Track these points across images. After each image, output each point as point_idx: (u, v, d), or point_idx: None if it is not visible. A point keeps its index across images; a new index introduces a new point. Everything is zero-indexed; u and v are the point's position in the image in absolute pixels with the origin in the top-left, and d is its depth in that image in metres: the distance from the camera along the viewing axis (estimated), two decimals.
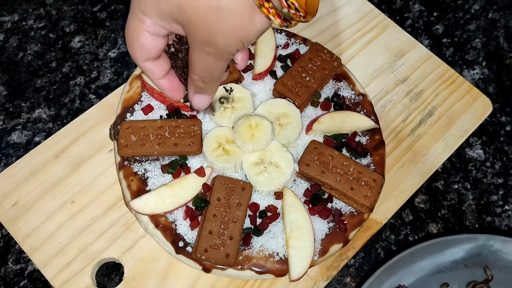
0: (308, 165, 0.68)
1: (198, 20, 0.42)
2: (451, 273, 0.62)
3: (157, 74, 0.52)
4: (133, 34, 0.48)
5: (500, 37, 0.92)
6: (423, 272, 0.62)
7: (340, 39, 0.86)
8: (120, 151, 0.69)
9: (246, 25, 0.43)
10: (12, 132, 0.78)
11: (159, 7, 0.44)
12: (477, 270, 0.63)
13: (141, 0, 0.45)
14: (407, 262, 0.61)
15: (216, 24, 0.42)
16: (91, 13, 0.89)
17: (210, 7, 0.41)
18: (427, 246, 0.62)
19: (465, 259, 0.63)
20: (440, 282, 0.62)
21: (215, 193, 0.66)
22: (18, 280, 0.68)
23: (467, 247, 0.63)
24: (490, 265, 0.62)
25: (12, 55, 0.84)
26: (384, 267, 0.60)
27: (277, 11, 0.41)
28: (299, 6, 0.41)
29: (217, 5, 0.41)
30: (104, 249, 0.68)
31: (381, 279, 0.60)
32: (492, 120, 0.84)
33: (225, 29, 0.43)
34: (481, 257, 0.63)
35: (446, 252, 0.63)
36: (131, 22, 0.47)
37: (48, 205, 0.70)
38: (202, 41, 0.44)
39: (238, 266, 0.64)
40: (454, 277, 0.62)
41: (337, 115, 0.73)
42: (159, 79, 0.53)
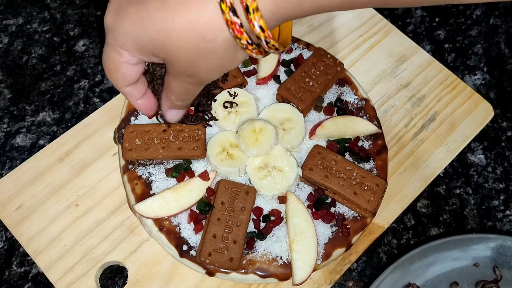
0: (311, 170, 0.69)
1: (182, 58, 0.42)
2: (460, 272, 0.62)
3: (136, 96, 0.53)
4: (113, 65, 0.48)
5: (502, 42, 0.92)
6: (434, 270, 0.62)
7: (343, 44, 0.86)
8: (124, 155, 0.69)
9: (229, 62, 0.44)
10: (17, 135, 0.78)
11: (139, 45, 0.43)
12: (486, 270, 0.63)
13: (119, 37, 0.44)
14: (417, 260, 0.61)
15: (201, 63, 0.42)
16: (95, 16, 0.90)
17: (196, 49, 0.41)
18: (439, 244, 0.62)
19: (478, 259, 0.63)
20: (450, 281, 0.62)
21: (219, 197, 0.67)
22: (22, 283, 0.68)
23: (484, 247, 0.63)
24: (500, 265, 0.62)
25: (16, 58, 0.85)
26: (395, 265, 0.60)
27: (259, 50, 0.42)
28: (279, 46, 0.42)
29: (203, 47, 0.41)
30: (108, 252, 0.68)
31: (391, 276, 0.60)
32: (494, 126, 0.84)
33: (210, 66, 0.43)
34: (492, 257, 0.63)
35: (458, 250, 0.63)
36: (110, 55, 0.47)
37: (52, 208, 0.70)
38: (184, 74, 0.45)
39: (242, 270, 0.65)
40: (464, 276, 0.62)
41: (340, 120, 0.73)
42: (137, 100, 0.54)
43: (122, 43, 0.45)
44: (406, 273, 0.61)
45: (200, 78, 0.45)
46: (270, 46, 0.41)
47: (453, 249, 0.64)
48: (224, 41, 0.41)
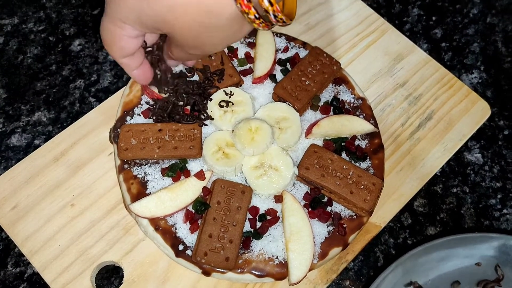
0: (307, 169, 0.68)
1: (187, 33, 0.42)
2: (462, 271, 0.62)
3: (132, 67, 0.54)
4: (113, 38, 0.47)
5: (498, 41, 0.92)
6: (436, 269, 0.61)
7: (339, 43, 0.86)
8: (120, 155, 0.69)
9: (234, 35, 0.44)
10: (12, 135, 0.78)
11: (142, 19, 0.43)
12: (488, 269, 0.62)
13: (120, 10, 0.44)
14: (419, 258, 0.61)
15: (206, 38, 0.42)
16: (91, 16, 0.89)
17: (201, 24, 0.41)
18: (442, 242, 0.62)
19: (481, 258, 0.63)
20: (451, 280, 0.61)
21: (215, 197, 0.66)
22: (17, 283, 0.68)
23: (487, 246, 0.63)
24: (502, 264, 0.62)
25: (12, 58, 0.84)
26: (396, 263, 0.60)
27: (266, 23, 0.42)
28: (286, 19, 0.41)
29: (208, 22, 0.40)
30: (103, 252, 0.68)
31: (393, 274, 0.59)
32: (491, 124, 0.84)
33: (214, 41, 0.43)
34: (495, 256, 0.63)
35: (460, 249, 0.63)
36: (110, 28, 0.46)
37: (47, 208, 0.70)
38: (188, 47, 0.45)
39: (238, 270, 0.64)
40: (465, 275, 0.62)
41: (336, 119, 0.73)
42: (133, 71, 0.55)
43: (123, 16, 0.44)
44: (407, 272, 0.61)
45: (204, 51, 0.45)
46: (278, 20, 0.41)
47: (455, 248, 0.63)
48: (231, 15, 0.40)
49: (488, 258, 0.63)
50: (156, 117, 0.72)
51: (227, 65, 0.76)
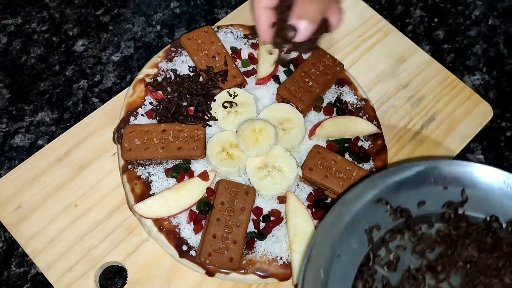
0: (311, 170, 0.69)
1: None
2: (429, 191, 0.63)
3: (266, 20, 0.56)
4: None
5: (500, 43, 0.93)
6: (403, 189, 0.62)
7: (342, 44, 0.86)
8: (124, 155, 0.69)
9: None
10: (15, 135, 0.78)
11: None
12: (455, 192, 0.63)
13: None
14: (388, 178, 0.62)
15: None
16: (94, 16, 0.90)
17: None
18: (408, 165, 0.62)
19: None
20: (419, 200, 0.62)
21: (219, 197, 0.67)
22: (21, 283, 0.68)
23: None
24: (468, 188, 0.62)
25: (15, 58, 0.84)
26: (366, 180, 0.61)
27: None
28: None
29: None
30: (107, 253, 0.68)
31: (363, 190, 0.60)
32: (493, 126, 0.84)
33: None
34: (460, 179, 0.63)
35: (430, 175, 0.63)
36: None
37: (51, 209, 0.70)
38: None
39: (242, 270, 0.65)
40: (433, 196, 0.62)
41: (340, 120, 0.73)
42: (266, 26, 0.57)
43: None
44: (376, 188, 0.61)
45: None
46: None
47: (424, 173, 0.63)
48: None
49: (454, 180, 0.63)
50: (159, 118, 0.72)
51: (231, 66, 0.76)
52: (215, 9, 0.92)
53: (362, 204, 0.60)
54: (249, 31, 0.81)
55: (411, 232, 0.60)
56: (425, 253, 0.59)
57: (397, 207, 0.61)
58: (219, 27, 0.81)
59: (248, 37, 0.81)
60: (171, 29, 0.89)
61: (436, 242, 0.60)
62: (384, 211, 0.60)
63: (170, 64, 0.77)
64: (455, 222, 0.61)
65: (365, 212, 0.59)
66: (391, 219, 0.60)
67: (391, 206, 0.60)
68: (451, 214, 0.61)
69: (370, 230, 0.59)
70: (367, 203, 0.60)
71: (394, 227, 0.60)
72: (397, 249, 0.59)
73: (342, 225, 0.58)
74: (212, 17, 0.91)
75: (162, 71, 0.76)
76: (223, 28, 0.81)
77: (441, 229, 0.61)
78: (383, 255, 0.59)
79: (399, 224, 0.61)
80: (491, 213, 0.62)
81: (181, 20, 0.91)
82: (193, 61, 0.77)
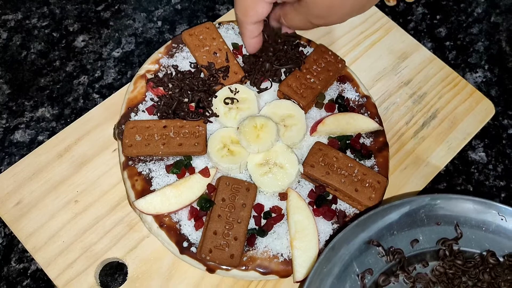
0: (312, 166, 0.68)
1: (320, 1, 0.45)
2: (422, 229, 0.62)
3: (255, 34, 0.61)
4: (251, 3, 0.54)
5: (503, 40, 0.92)
6: (394, 228, 0.61)
7: (344, 41, 0.86)
8: (124, 151, 0.68)
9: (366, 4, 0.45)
10: (16, 131, 0.78)
11: None
12: (448, 228, 0.62)
13: None
14: (378, 218, 0.61)
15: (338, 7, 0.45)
16: (95, 12, 0.89)
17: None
18: (398, 204, 0.61)
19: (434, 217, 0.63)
20: (411, 238, 0.62)
21: (220, 194, 0.66)
22: (21, 279, 0.68)
23: None
24: (461, 223, 0.62)
25: (15, 54, 0.84)
26: (356, 222, 0.59)
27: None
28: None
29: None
30: (107, 249, 0.68)
31: (352, 233, 0.59)
32: (495, 123, 0.84)
33: (345, 10, 0.45)
34: (452, 216, 0.62)
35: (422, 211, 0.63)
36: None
37: (51, 205, 0.70)
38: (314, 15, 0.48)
39: (243, 267, 0.64)
40: (426, 233, 0.62)
41: (341, 117, 0.73)
42: (252, 38, 0.61)
43: None
44: (366, 231, 0.60)
45: (329, 21, 0.48)
46: None
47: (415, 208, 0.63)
48: None
49: (446, 218, 0.63)
50: (161, 114, 0.72)
51: (232, 62, 0.75)
52: (216, 5, 0.92)
53: (353, 248, 0.58)
54: None
55: (405, 273, 0.59)
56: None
57: (389, 248, 0.59)
58: (220, 23, 0.81)
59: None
60: (172, 25, 0.89)
61: (432, 282, 0.59)
62: (376, 253, 0.59)
63: (171, 60, 0.77)
64: (450, 260, 0.60)
65: (356, 256, 0.58)
66: (383, 261, 0.59)
67: (383, 248, 0.59)
68: (446, 251, 0.60)
69: (363, 276, 0.58)
70: (358, 247, 0.58)
71: (388, 269, 0.59)
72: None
73: (333, 273, 0.57)
74: (213, 13, 0.91)
75: (163, 67, 0.76)
76: (225, 24, 0.81)
77: (436, 267, 0.60)
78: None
79: (393, 266, 0.59)
80: (487, 247, 0.60)
81: (182, 16, 0.90)
82: (194, 57, 0.76)
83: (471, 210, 0.62)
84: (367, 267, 0.58)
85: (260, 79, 0.75)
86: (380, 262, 0.59)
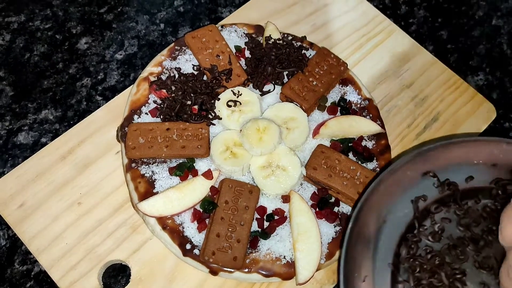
0: (315, 169, 0.69)
1: None
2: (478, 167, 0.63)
3: None
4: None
5: (504, 43, 0.93)
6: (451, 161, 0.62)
7: (346, 43, 0.86)
8: (128, 153, 0.69)
9: None
10: (19, 133, 0.78)
11: None
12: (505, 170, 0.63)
13: None
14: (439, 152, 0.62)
15: None
16: (97, 14, 0.89)
17: None
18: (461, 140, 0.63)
19: None
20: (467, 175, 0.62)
21: (223, 196, 0.66)
22: (24, 281, 0.68)
23: None
24: None
25: (18, 56, 0.84)
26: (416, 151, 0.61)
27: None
28: None
29: None
30: (111, 251, 0.68)
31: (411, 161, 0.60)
32: (496, 126, 0.84)
33: None
34: None
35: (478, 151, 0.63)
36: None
37: (55, 206, 0.70)
38: None
39: (245, 269, 0.65)
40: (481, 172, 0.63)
41: (344, 120, 0.73)
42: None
43: None
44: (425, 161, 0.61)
45: None
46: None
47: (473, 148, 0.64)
48: None
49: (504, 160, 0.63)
50: (164, 116, 0.72)
51: (235, 65, 0.76)
52: (219, 8, 0.92)
53: (410, 175, 0.60)
54: (253, 30, 0.81)
55: (457, 205, 0.60)
56: (471, 226, 0.59)
57: (444, 180, 0.60)
58: (223, 25, 0.81)
59: (252, 36, 0.81)
60: (175, 27, 0.89)
61: (482, 217, 0.60)
62: (431, 183, 0.60)
63: (174, 62, 0.77)
64: (502, 199, 0.61)
65: (412, 183, 0.59)
66: (437, 192, 0.60)
67: (438, 179, 0.60)
68: (499, 191, 0.61)
69: (416, 200, 0.59)
70: (415, 174, 0.60)
71: (440, 199, 0.61)
72: (442, 221, 0.60)
73: (389, 193, 0.59)
74: (216, 15, 0.91)
75: (166, 69, 0.76)
76: (227, 27, 0.81)
77: (487, 205, 0.61)
78: (428, 225, 0.59)
79: (446, 197, 0.61)
80: None
81: (185, 18, 0.91)
82: (197, 59, 0.77)
83: None
84: (421, 193, 0.60)
85: (263, 82, 0.75)
86: (434, 191, 0.61)
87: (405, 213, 0.58)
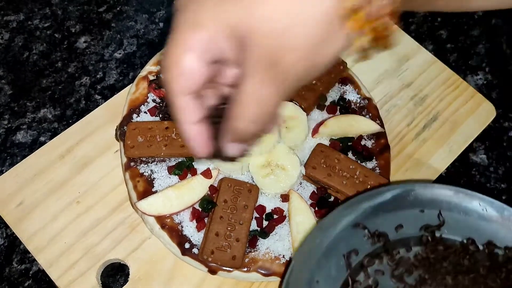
0: (314, 168, 0.68)
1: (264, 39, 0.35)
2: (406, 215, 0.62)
3: (192, 116, 0.41)
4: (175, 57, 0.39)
5: (504, 43, 0.93)
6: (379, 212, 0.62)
7: None
8: (126, 152, 0.69)
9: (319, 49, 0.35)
10: (17, 131, 0.78)
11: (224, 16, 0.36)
12: (432, 215, 0.63)
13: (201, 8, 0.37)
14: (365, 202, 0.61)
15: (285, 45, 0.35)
16: (97, 13, 0.89)
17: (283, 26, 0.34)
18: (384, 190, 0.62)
19: None
20: (396, 224, 0.62)
21: (222, 195, 0.66)
22: (22, 280, 0.68)
23: None
24: (444, 211, 0.62)
25: (17, 55, 0.84)
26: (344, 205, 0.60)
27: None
28: None
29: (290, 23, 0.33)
30: (109, 250, 0.68)
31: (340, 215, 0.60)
32: (496, 126, 0.84)
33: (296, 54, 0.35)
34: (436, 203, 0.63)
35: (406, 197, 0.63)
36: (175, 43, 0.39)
37: (53, 206, 0.70)
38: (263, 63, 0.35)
39: (244, 268, 0.64)
40: (410, 219, 0.62)
41: (343, 119, 0.73)
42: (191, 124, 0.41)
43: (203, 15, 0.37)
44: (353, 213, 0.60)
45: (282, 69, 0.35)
46: None
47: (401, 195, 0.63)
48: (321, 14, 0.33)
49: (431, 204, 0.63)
50: (163, 115, 0.72)
51: None
52: None
53: (340, 229, 0.59)
54: None
55: (389, 256, 0.60)
56: (404, 277, 0.59)
57: (374, 231, 0.60)
58: None
59: None
60: None
61: (414, 266, 0.60)
62: (362, 235, 0.60)
63: None
64: (432, 246, 0.61)
65: (343, 237, 0.59)
66: (369, 244, 0.60)
67: (368, 231, 0.60)
68: (428, 237, 0.61)
69: (348, 255, 0.58)
70: (345, 228, 0.59)
71: (372, 251, 0.60)
72: (375, 274, 0.59)
73: (320, 251, 0.57)
74: None
75: None
76: None
77: (419, 252, 0.61)
78: (361, 280, 0.58)
79: (377, 249, 0.60)
80: (467, 235, 0.61)
81: None
82: None
83: (454, 198, 0.63)
84: (352, 248, 0.59)
85: None
86: (365, 244, 0.60)
87: (338, 269, 0.58)
